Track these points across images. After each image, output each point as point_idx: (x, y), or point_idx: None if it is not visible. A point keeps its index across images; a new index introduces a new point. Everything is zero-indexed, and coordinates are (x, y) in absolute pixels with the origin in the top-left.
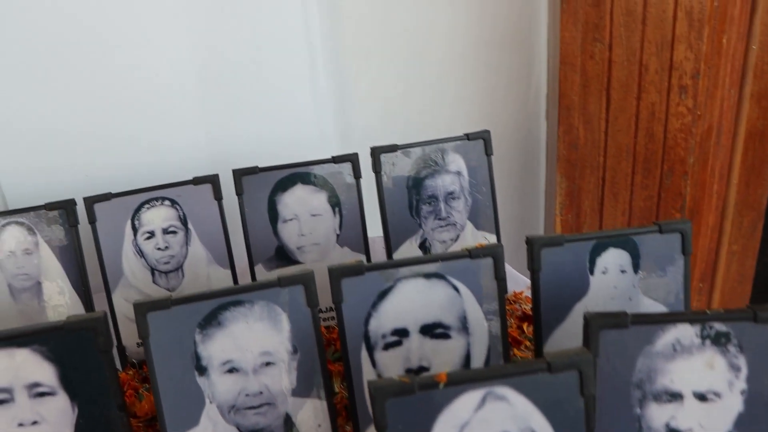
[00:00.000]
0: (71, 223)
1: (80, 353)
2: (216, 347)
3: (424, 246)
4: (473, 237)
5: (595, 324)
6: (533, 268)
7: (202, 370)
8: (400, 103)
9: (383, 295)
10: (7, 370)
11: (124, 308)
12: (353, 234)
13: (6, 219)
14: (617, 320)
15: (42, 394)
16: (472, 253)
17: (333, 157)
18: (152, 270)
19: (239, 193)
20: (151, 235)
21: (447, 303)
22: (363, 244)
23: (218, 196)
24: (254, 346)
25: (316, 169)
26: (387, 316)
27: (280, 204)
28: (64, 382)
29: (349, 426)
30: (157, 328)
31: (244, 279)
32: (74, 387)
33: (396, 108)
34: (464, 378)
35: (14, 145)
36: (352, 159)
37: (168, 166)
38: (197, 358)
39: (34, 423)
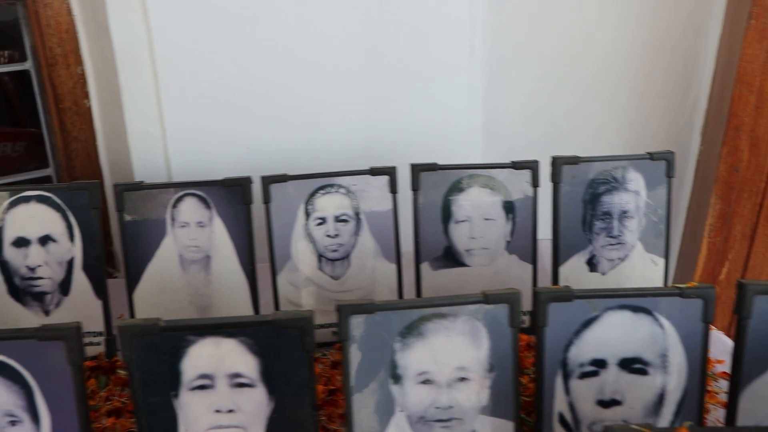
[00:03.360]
0: (246, 201)
1: (285, 350)
2: (414, 357)
3: (591, 262)
4: (641, 259)
5: None
6: (742, 315)
7: (398, 379)
8: (545, 101)
9: (588, 323)
10: (212, 357)
11: (287, 291)
12: (523, 242)
13: (184, 190)
14: None
15: (242, 385)
16: (684, 292)
17: (513, 163)
18: (319, 256)
19: (415, 188)
20: (323, 221)
21: (650, 339)
22: (532, 255)
23: (393, 189)
24: (451, 360)
25: (495, 173)
26: (588, 345)
27: (455, 204)
28: (264, 376)
29: None
30: (358, 331)
31: (408, 276)
32: (274, 382)
33: (540, 105)
34: None
35: (195, 118)
36: (532, 167)
37: (324, 155)
38: (394, 366)
39: (230, 411)
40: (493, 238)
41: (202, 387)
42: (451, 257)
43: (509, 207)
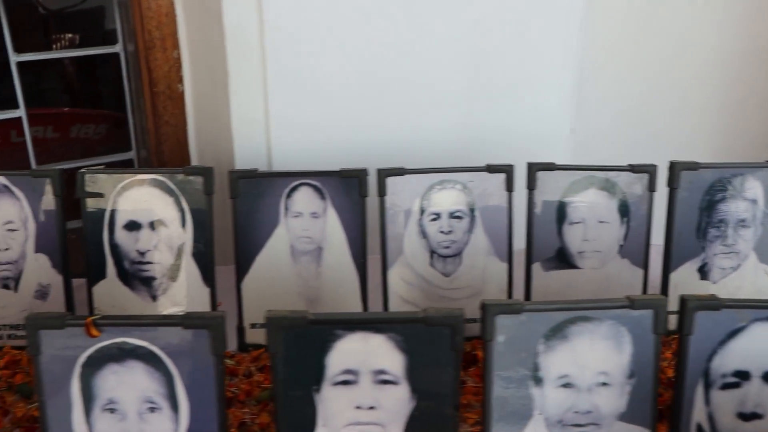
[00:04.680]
0: (362, 193)
1: (433, 348)
2: (556, 360)
3: (702, 270)
4: (754, 269)
5: None
6: None
7: (538, 381)
8: (636, 106)
9: (734, 333)
10: (358, 352)
11: (397, 287)
12: (636, 247)
13: (299, 180)
14: None
15: (385, 382)
16: None
17: (631, 166)
18: (432, 252)
19: (532, 188)
20: (437, 217)
21: None
22: (644, 260)
23: (510, 187)
24: (593, 365)
25: (612, 176)
26: (732, 356)
27: (570, 206)
28: (409, 374)
29: None
30: (503, 331)
31: (517, 275)
32: (418, 380)
33: (630, 109)
34: None
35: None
36: (650, 171)
37: (419, 151)
38: (536, 368)
39: (371, 408)
40: (607, 241)
41: (345, 382)
42: (563, 259)
43: (624, 210)
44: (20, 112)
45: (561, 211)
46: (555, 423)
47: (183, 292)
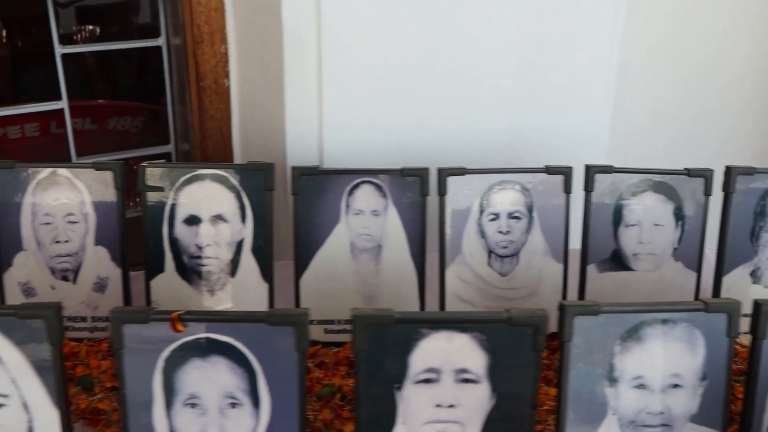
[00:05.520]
0: (423, 192)
1: (515, 347)
2: (631, 361)
3: (755, 274)
4: None
5: None
6: None
7: (613, 381)
8: (674, 108)
9: None
10: (442, 351)
11: (455, 286)
12: (690, 250)
13: (361, 177)
14: None
15: (467, 380)
16: None
17: (687, 170)
18: (489, 252)
19: (589, 190)
20: (496, 217)
21: None
22: (697, 263)
23: (568, 189)
24: (666, 366)
25: (668, 179)
26: None
27: (626, 208)
28: (490, 373)
29: None
30: (581, 332)
31: (572, 276)
32: (498, 379)
33: (668, 111)
34: None
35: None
36: (707, 175)
37: (464, 152)
38: (612, 368)
39: (451, 406)
40: (661, 244)
41: (427, 380)
42: (618, 260)
43: (680, 214)
44: (62, 104)
45: (617, 213)
46: (628, 423)
47: (241, 288)
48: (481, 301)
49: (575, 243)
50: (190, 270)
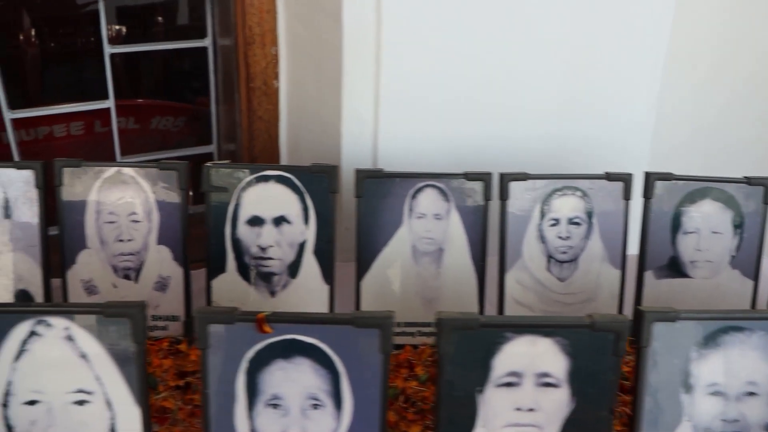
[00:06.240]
0: (487, 197)
1: (596, 352)
2: (707, 368)
3: None
4: None
5: None
6: None
7: (689, 388)
8: (714, 115)
9: None
10: (524, 355)
11: (514, 290)
12: (748, 258)
13: (425, 181)
14: None
15: (547, 385)
16: None
17: (747, 178)
18: (548, 257)
19: (649, 196)
20: (556, 222)
21: None
22: (755, 271)
23: (627, 196)
24: (742, 374)
25: (727, 187)
26: None
27: (685, 215)
28: (571, 377)
29: None
30: (659, 338)
31: (629, 282)
32: (579, 383)
33: (708, 119)
34: None
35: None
36: (766, 184)
37: (512, 157)
38: (687, 375)
39: (530, 410)
40: (719, 251)
41: (509, 384)
42: (675, 267)
43: (739, 222)
44: (109, 103)
45: (676, 221)
46: (702, 430)
47: (302, 289)
48: (538, 306)
49: (632, 249)
50: (251, 271)
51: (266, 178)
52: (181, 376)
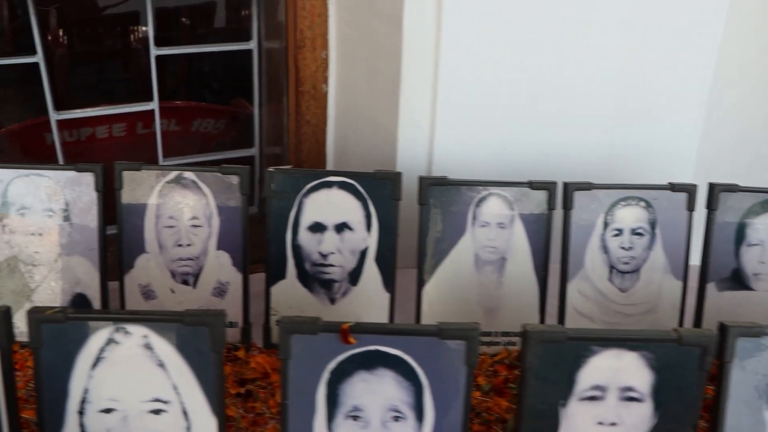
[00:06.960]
0: (551, 206)
1: (682, 367)
2: None
3: None
4: None
5: None
6: None
7: None
8: (760, 124)
9: None
10: (609, 369)
11: (575, 300)
12: None
13: (489, 189)
14: None
15: (631, 399)
16: None
17: None
18: (611, 267)
19: (713, 208)
20: (619, 232)
21: None
22: None
23: (691, 207)
24: None
25: None
26: None
27: (749, 227)
28: (655, 392)
29: None
30: (743, 353)
31: (690, 294)
32: (662, 398)
33: (754, 128)
34: None
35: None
36: None
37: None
38: None
39: (612, 424)
40: None
41: (592, 398)
42: (738, 280)
43: None
44: (153, 105)
45: (740, 233)
46: None
47: (362, 297)
48: (599, 316)
49: (694, 260)
50: (311, 277)
51: (329, 184)
52: (241, 383)
